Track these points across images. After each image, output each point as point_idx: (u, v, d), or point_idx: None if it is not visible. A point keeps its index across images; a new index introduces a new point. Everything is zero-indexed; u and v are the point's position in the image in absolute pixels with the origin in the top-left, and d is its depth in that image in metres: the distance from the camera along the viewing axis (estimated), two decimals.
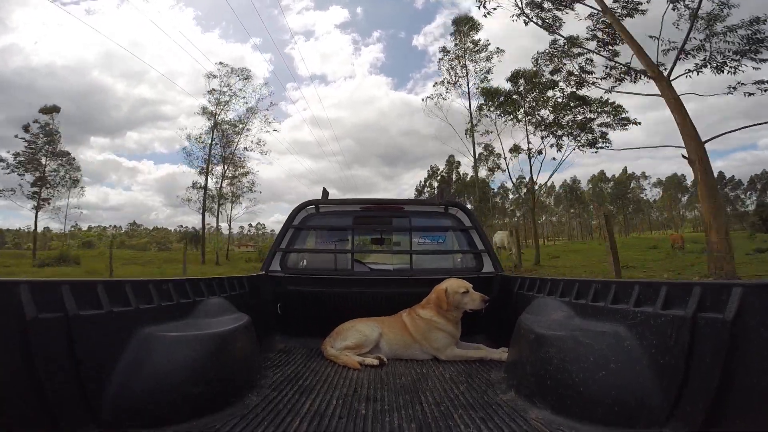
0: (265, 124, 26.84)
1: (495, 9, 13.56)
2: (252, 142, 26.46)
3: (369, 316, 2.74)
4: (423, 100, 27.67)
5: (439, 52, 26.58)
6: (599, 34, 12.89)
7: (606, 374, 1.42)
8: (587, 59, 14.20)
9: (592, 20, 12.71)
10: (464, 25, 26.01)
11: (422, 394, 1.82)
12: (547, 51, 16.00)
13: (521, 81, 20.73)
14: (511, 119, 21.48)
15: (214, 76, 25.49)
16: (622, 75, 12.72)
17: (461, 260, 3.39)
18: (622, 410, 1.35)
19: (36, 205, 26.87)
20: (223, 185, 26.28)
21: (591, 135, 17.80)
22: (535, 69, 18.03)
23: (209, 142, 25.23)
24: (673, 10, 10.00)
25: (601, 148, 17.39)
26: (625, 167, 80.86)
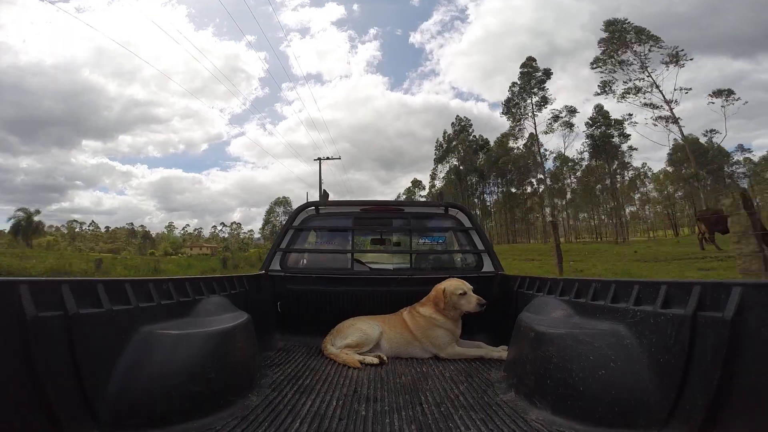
0: None
1: None
2: None
3: (369, 315, 2.74)
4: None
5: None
6: None
7: (606, 373, 1.42)
8: None
9: None
10: None
11: (422, 395, 1.82)
12: None
13: None
14: None
15: None
16: None
17: (461, 259, 3.41)
18: (621, 410, 1.35)
19: None
20: None
21: None
22: None
23: None
24: None
25: None
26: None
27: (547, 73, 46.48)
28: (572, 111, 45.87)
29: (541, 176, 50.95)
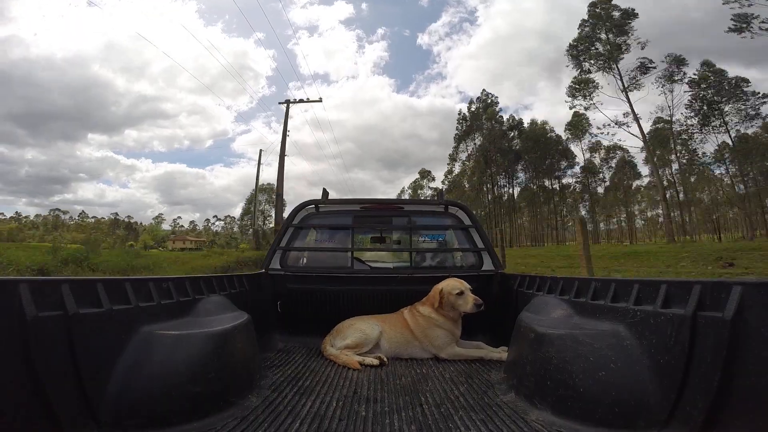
0: None
1: None
2: None
3: (369, 314, 2.74)
4: None
5: None
6: None
7: (606, 374, 1.42)
8: None
9: None
10: None
11: (422, 396, 1.82)
12: None
13: None
14: None
15: None
16: None
17: (461, 258, 3.41)
18: (621, 410, 1.35)
19: None
20: None
21: None
22: None
23: None
24: None
25: None
26: None
27: (631, 14, 32.90)
28: (679, 61, 31.63)
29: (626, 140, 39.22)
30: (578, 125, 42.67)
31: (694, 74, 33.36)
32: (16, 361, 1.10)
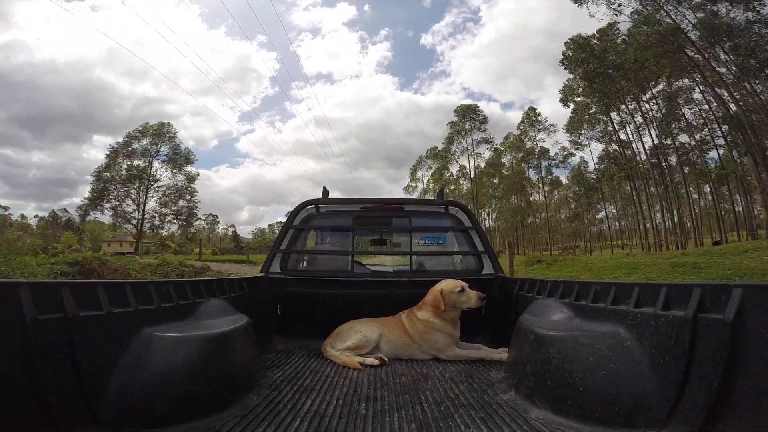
0: None
1: None
2: None
3: (369, 317, 2.74)
4: None
5: None
6: None
7: (606, 375, 1.42)
8: None
9: None
10: None
11: (422, 394, 1.82)
12: None
13: None
14: None
15: None
16: None
17: (461, 261, 3.40)
18: (622, 410, 1.35)
19: None
20: None
21: None
22: None
23: None
24: None
25: None
26: None
27: None
28: None
29: None
30: None
31: None
32: (16, 364, 1.10)
